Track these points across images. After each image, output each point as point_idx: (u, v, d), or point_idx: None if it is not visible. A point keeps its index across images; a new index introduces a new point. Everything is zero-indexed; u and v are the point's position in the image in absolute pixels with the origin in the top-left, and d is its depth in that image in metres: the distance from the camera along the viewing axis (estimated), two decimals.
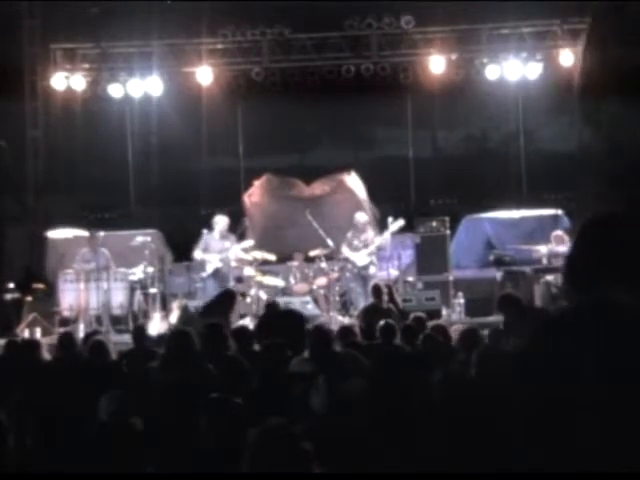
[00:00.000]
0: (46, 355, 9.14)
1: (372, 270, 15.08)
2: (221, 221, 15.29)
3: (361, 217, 15.45)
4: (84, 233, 16.18)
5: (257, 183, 17.76)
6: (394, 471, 4.76)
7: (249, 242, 15.47)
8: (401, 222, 15.13)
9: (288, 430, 3.51)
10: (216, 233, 15.25)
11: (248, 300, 15.54)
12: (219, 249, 15.13)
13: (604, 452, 2.34)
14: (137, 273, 15.47)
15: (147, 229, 17.17)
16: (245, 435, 3.69)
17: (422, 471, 4.72)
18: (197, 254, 15.32)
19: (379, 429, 5.11)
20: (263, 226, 17.58)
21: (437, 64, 17.69)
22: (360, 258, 15.10)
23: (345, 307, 15.61)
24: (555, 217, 17.05)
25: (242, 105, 19.29)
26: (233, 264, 15.71)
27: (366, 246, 15.12)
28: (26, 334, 14.06)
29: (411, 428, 5.16)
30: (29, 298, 15.65)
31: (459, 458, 4.66)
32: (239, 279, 16.14)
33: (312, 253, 15.86)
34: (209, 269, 15.15)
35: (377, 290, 12.61)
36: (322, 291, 15.64)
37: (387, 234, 15.07)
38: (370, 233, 15.32)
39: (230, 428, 4.87)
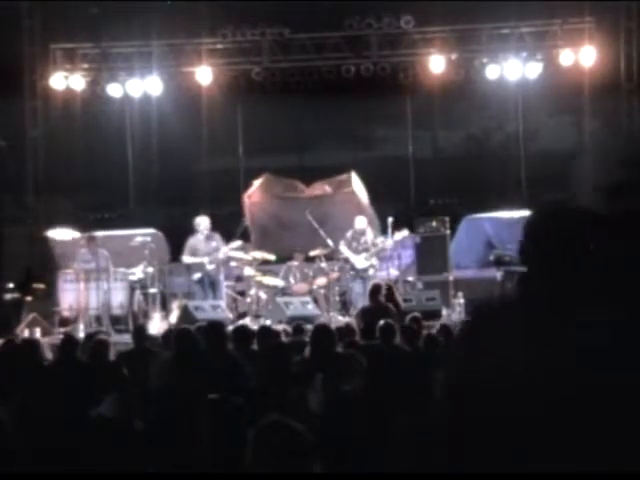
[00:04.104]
0: (47, 355, 9.14)
1: (371, 272, 15.09)
2: (203, 222, 15.21)
3: (361, 223, 15.39)
4: (84, 233, 16.18)
5: (257, 183, 17.75)
6: (393, 471, 4.75)
7: (237, 242, 15.42)
8: (405, 233, 15.19)
9: (289, 424, 3.51)
10: (200, 235, 15.15)
11: (248, 300, 15.54)
12: (207, 251, 15.03)
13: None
14: (137, 273, 15.46)
15: (147, 229, 17.16)
16: (245, 435, 3.68)
17: (422, 471, 4.72)
18: (186, 259, 15.19)
19: (377, 428, 5.11)
20: (263, 226, 17.58)
21: (437, 64, 17.68)
22: (359, 261, 15.10)
23: (345, 307, 15.60)
24: None
25: (242, 105, 19.26)
26: (233, 263, 15.70)
27: (366, 250, 15.11)
28: (26, 334, 14.05)
29: (410, 427, 5.16)
30: (29, 298, 15.65)
31: (459, 458, 4.66)
32: (238, 278, 16.14)
33: (312, 253, 15.86)
34: (200, 272, 15.02)
35: (377, 289, 12.61)
36: (322, 291, 15.64)
37: (389, 241, 15.10)
38: (370, 235, 15.31)
39: (230, 428, 4.86)
